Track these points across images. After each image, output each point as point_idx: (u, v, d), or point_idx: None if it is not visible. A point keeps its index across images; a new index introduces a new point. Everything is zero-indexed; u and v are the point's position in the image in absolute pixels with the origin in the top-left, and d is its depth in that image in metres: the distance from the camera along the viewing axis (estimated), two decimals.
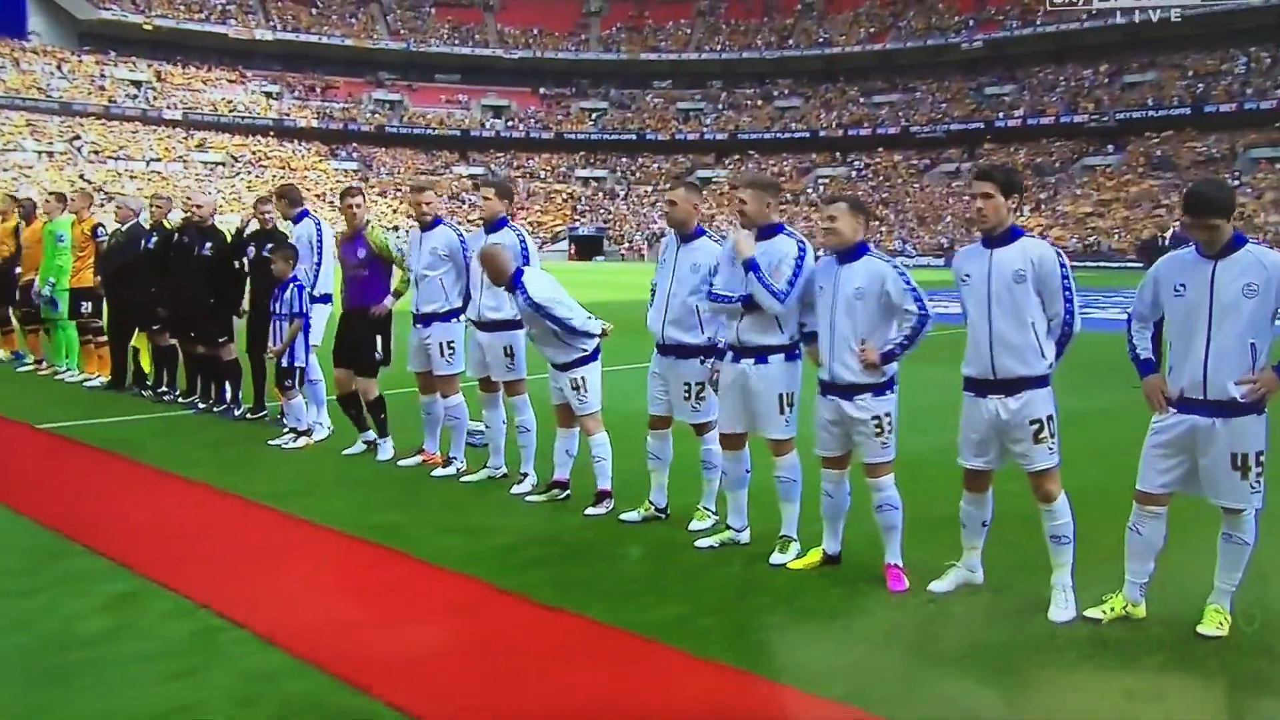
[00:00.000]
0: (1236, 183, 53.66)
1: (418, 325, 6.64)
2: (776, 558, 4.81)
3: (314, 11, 69.07)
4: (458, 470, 6.57)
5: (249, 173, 61.30)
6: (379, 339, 7.07)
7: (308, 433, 7.58)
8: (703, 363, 5.28)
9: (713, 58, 71.97)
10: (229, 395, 8.73)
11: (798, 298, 4.73)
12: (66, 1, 63.98)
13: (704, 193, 8.45)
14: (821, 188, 64.77)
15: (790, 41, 71.17)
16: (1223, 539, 3.91)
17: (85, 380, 10.34)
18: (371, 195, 59.54)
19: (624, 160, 70.73)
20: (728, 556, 4.95)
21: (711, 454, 5.38)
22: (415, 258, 6.65)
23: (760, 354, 4.82)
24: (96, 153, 58.91)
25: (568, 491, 5.93)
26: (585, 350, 5.65)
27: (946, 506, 4.55)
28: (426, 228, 6.64)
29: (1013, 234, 4.21)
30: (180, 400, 9.24)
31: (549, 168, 69.49)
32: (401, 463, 6.87)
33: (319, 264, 7.84)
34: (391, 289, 7.14)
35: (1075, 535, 4.12)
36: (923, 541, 4.65)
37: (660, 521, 5.48)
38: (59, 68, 63.25)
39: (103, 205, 52.04)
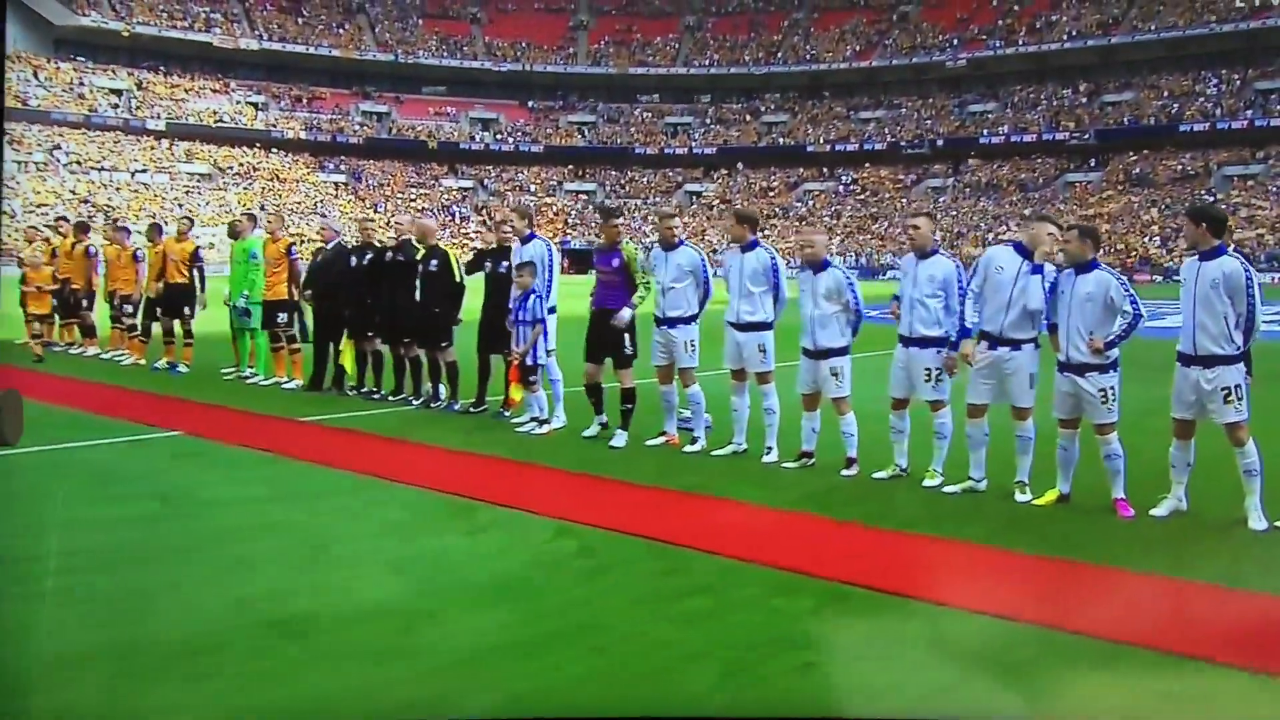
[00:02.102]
0: (1211, 199, 56.72)
1: (663, 327, 8.33)
2: (1020, 496, 6.61)
3: (300, 21, 70.38)
4: (702, 448, 8.30)
5: (237, 185, 62.34)
6: (627, 336, 8.78)
7: (548, 420, 9.26)
8: (938, 353, 7.08)
9: (700, 73, 74.23)
10: (446, 393, 10.37)
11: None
12: (42, 7, 64.62)
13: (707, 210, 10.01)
14: (810, 202, 67.12)
15: (778, 57, 73.60)
16: None
17: (280, 383, 11.89)
18: (361, 208, 60.96)
19: (613, 174, 72.65)
20: (978, 499, 6.72)
21: (944, 426, 7.16)
22: (662, 272, 8.35)
23: (1016, 344, 6.66)
24: (79, 163, 59.66)
25: (813, 460, 7.70)
26: (849, 340, 7.45)
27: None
28: (671, 247, 8.36)
29: (1217, 252, 6.06)
30: (390, 398, 10.85)
31: (538, 181, 71.19)
32: (649, 443, 8.54)
33: (550, 280, 9.49)
34: (633, 300, 8.83)
35: (1262, 469, 5.96)
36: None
37: (903, 478, 7.25)
38: (35, 75, 63.82)
39: (92, 218, 53.01)
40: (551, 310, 9.48)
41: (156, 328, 13.45)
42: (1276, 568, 5.26)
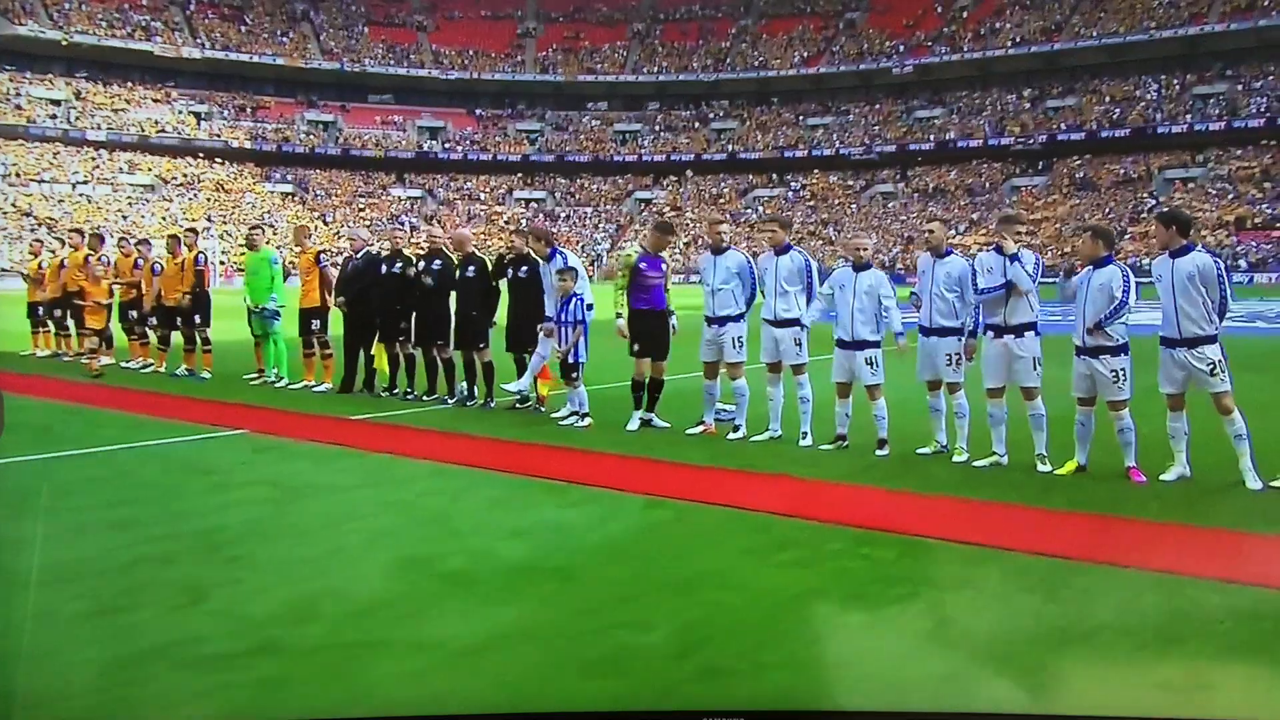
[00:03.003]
0: (1153, 202, 59.15)
1: (713, 325, 9.26)
2: (1041, 468, 7.61)
3: (243, 29, 70.29)
4: (743, 435, 9.21)
5: (183, 196, 62.10)
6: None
7: (588, 414, 10.10)
8: (958, 340, 8.10)
9: (649, 80, 75.43)
10: (480, 392, 11.15)
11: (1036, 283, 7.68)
12: None
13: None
14: (760, 208, 68.53)
15: (726, 63, 75.07)
16: None
17: (309, 386, 12.58)
18: (309, 218, 61.04)
19: (563, 182, 73.50)
20: (1004, 471, 7.70)
21: (963, 406, 8.16)
22: (711, 275, 9.28)
23: (1019, 331, 7.69)
24: (17, 175, 59.08)
25: (846, 442, 8.65)
26: (881, 334, 8.43)
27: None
28: (719, 251, 9.30)
29: (1186, 249, 7.14)
30: (424, 399, 11.60)
31: (487, 189, 71.77)
32: (689, 431, 9.44)
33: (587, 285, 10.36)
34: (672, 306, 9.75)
35: (1249, 434, 7.00)
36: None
37: (942, 455, 8.23)
38: None
39: (32, 230, 52.41)
40: (590, 307, 10.35)
41: (175, 336, 14.08)
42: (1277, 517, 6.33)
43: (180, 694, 3.99)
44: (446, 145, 73.14)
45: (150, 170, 63.28)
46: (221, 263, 49.34)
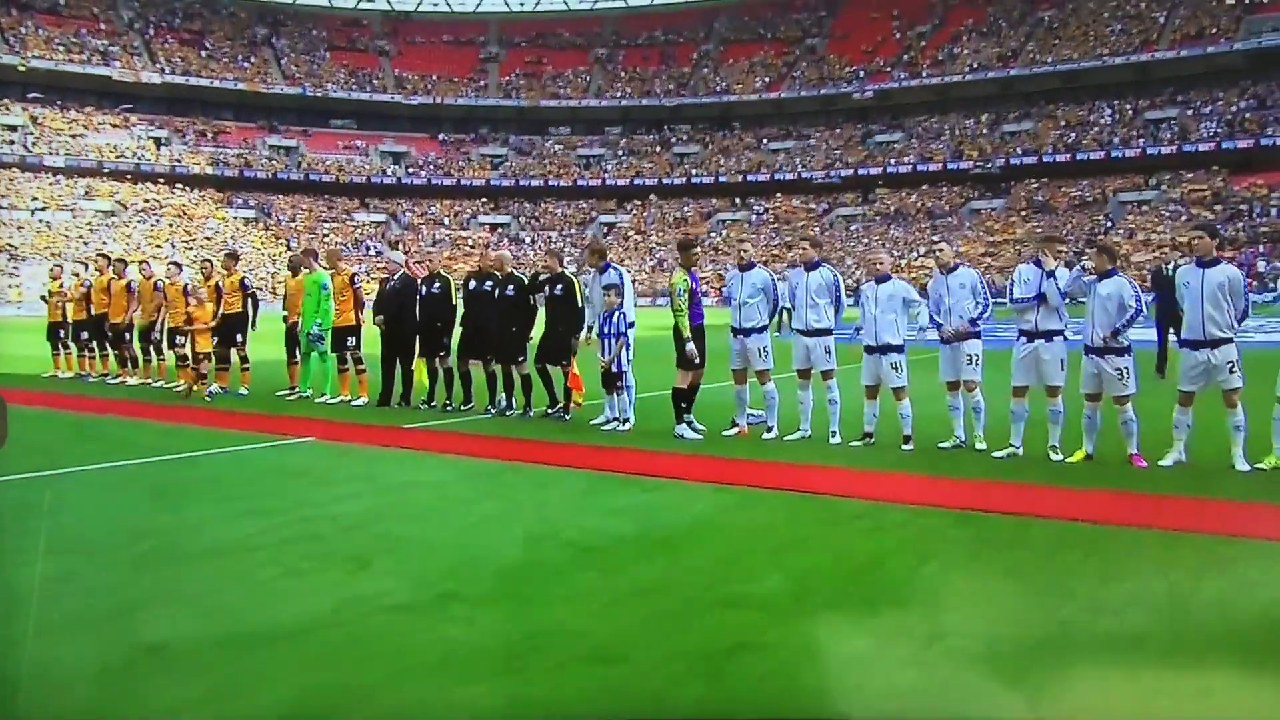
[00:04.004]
0: (1109, 224, 61.34)
1: (740, 336, 10.28)
2: (1054, 456, 8.70)
3: (203, 54, 70.68)
4: (776, 435, 10.23)
5: (144, 221, 62.21)
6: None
7: (628, 420, 11.07)
8: (979, 340, 9.21)
9: (611, 105, 76.80)
10: (519, 402, 12.10)
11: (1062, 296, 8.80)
12: None
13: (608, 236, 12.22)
14: (724, 232, 69.97)
15: (688, 88, 76.67)
16: None
17: (346, 400, 13.43)
18: (273, 244, 61.42)
19: (527, 206, 74.49)
20: (1022, 461, 8.76)
21: (979, 402, 9.26)
22: (738, 289, 10.32)
23: (1049, 335, 8.81)
24: None
25: (873, 439, 9.70)
26: (904, 339, 9.52)
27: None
28: (745, 268, 10.36)
29: (1216, 261, 8.28)
30: (462, 409, 12.51)
31: (451, 214, 72.54)
32: (725, 433, 10.44)
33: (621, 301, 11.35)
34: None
35: (1247, 427, 8.14)
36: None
37: (961, 449, 9.31)
38: None
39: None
40: (631, 325, 11.31)
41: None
42: (1264, 490, 7.47)
43: (395, 630, 4.87)
44: (410, 170, 73.90)
45: (110, 196, 63.35)
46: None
